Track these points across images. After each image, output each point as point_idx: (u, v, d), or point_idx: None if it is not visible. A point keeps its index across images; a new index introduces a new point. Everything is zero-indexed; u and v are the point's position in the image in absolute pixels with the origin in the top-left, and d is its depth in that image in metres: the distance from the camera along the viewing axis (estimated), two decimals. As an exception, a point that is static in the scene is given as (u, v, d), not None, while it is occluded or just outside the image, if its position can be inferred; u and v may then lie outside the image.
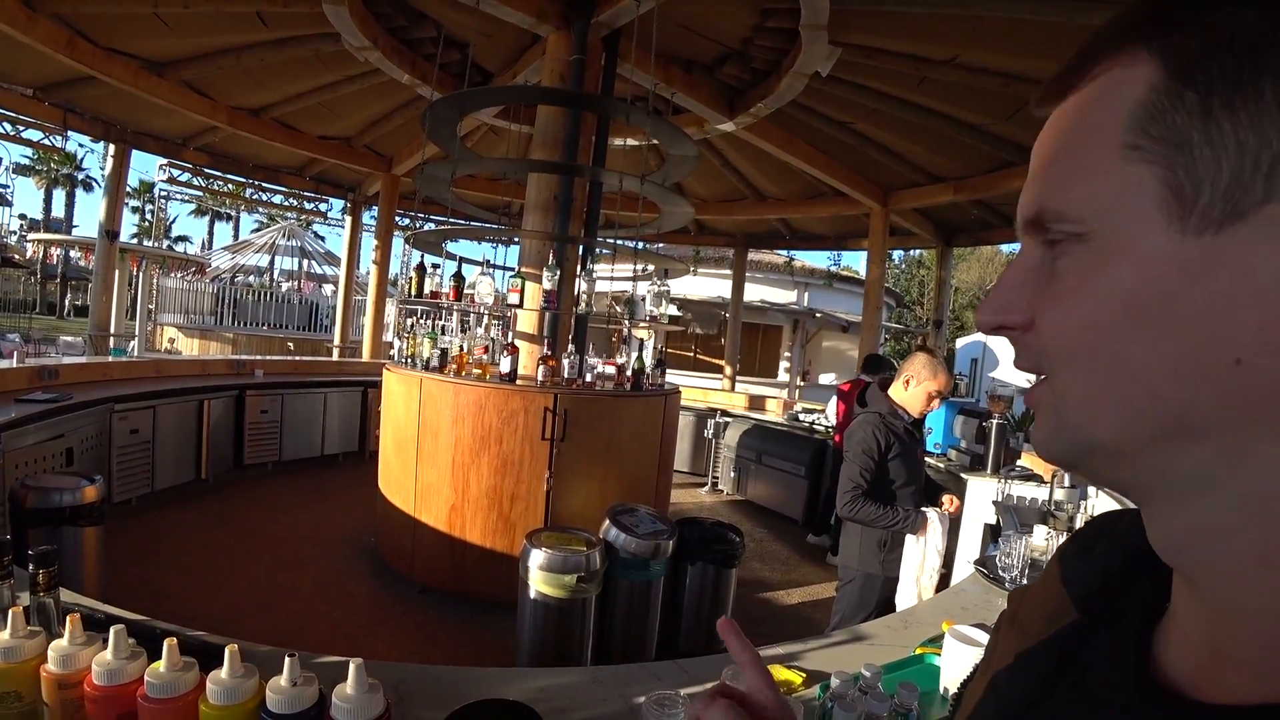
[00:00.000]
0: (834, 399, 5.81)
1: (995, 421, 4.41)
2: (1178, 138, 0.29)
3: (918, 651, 1.65)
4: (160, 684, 0.83)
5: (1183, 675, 0.35)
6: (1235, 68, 0.28)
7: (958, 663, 1.41)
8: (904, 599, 2.70)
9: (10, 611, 0.87)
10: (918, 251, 27.40)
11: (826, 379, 17.35)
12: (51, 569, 0.95)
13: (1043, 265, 0.35)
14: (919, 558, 2.67)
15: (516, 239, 5.17)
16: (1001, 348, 17.32)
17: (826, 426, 6.44)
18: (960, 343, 19.56)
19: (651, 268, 4.97)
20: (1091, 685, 0.39)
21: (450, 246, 4.89)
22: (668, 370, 4.88)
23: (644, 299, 4.66)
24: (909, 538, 2.70)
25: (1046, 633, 0.44)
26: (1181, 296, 0.29)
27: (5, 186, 32.88)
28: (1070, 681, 0.41)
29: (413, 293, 4.55)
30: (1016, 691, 0.44)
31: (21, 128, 7.97)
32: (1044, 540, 2.60)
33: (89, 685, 0.84)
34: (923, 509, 2.69)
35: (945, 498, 2.82)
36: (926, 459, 4.18)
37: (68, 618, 0.87)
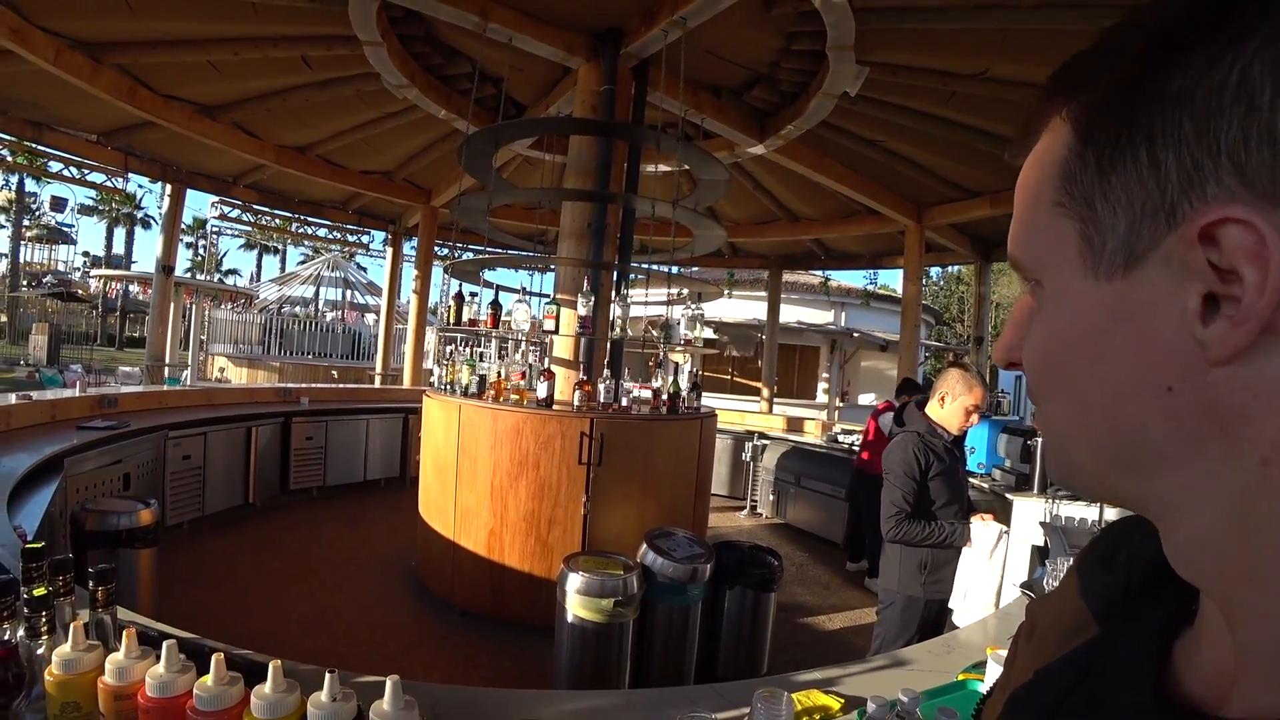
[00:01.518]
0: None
1: (1041, 440, 4.28)
2: (1086, 194, 0.32)
3: (960, 678, 1.61)
4: (208, 697, 0.86)
5: (1202, 689, 0.34)
6: (1118, 126, 0.30)
7: (1001, 688, 1.37)
8: (961, 618, 2.62)
9: (71, 626, 0.91)
10: (957, 268, 26.92)
11: (866, 399, 17.07)
12: (109, 586, 1.00)
13: (1034, 305, 0.39)
14: (972, 574, 2.59)
15: (552, 266, 5.26)
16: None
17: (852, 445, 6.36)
18: (1004, 360, 19.05)
19: (686, 291, 4.99)
20: (1106, 697, 0.39)
21: (487, 275, 5.00)
22: (705, 394, 4.87)
23: (679, 323, 4.68)
24: (964, 552, 2.62)
25: (1066, 647, 0.43)
26: (1109, 333, 0.32)
27: (70, 226, 34.87)
28: (1086, 693, 0.40)
29: (451, 320, 4.65)
30: (1035, 707, 0.43)
31: (86, 170, 8.46)
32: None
33: (142, 697, 0.88)
34: (969, 523, 2.62)
35: (976, 516, 2.72)
36: (970, 478, 4.07)
37: (124, 632, 0.92)
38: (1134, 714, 0.36)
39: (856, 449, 5.96)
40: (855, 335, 15.34)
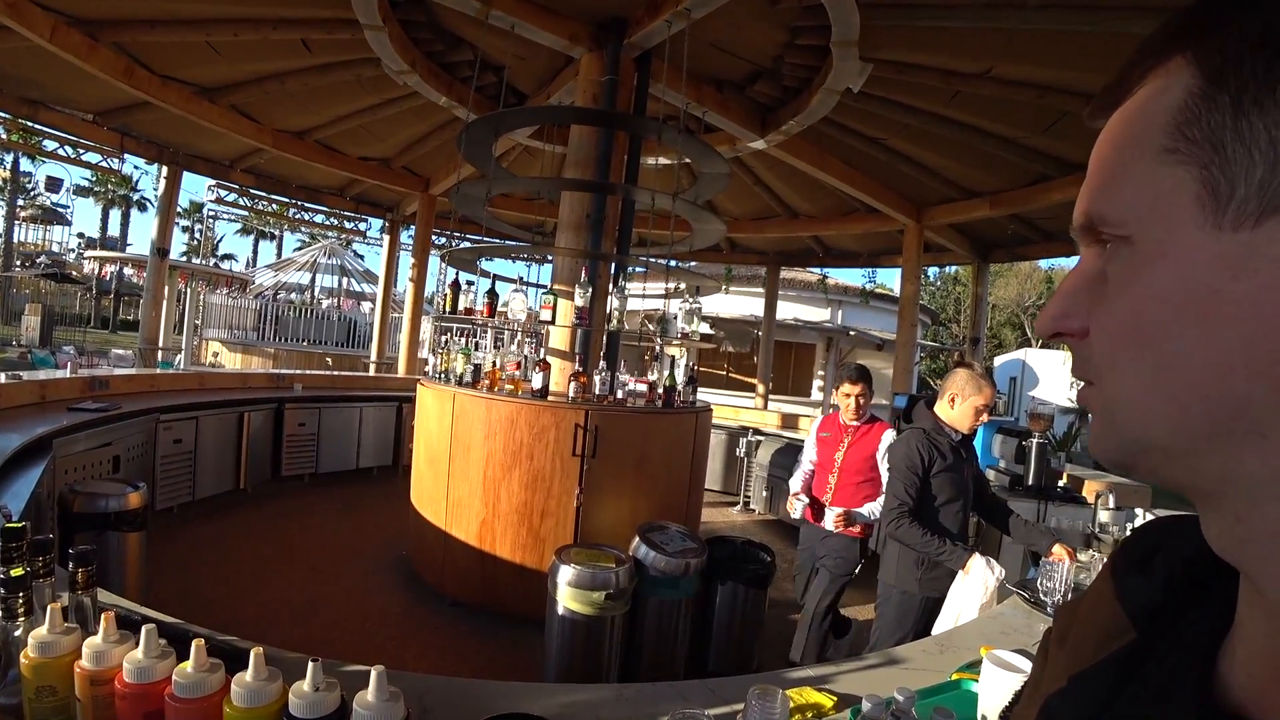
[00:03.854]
0: None
1: (1035, 440, 4.28)
2: (1212, 138, 0.29)
3: (954, 677, 1.60)
4: (187, 684, 0.84)
5: (1248, 694, 0.33)
6: (1266, 65, 0.28)
7: (996, 689, 1.37)
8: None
9: (49, 608, 0.89)
10: (954, 268, 26.99)
11: (861, 398, 17.07)
12: (89, 568, 0.97)
13: (1099, 272, 0.36)
14: (958, 599, 2.54)
15: (550, 257, 5.22)
16: (1041, 366, 16.87)
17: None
18: (998, 361, 19.12)
19: (683, 285, 4.98)
20: (1148, 705, 0.38)
21: (485, 264, 4.96)
22: (700, 388, 4.85)
23: (676, 317, 4.66)
24: (957, 581, 2.57)
25: (1102, 653, 0.42)
26: (1224, 292, 0.29)
27: (66, 207, 34.65)
28: (1126, 701, 0.39)
29: (447, 309, 4.61)
30: (1072, 715, 0.42)
31: (82, 150, 8.39)
32: (1088, 561, 2.50)
33: (119, 683, 0.85)
34: (975, 553, 2.48)
35: (1058, 546, 2.54)
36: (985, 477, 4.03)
37: (102, 616, 0.89)
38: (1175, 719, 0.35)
39: None
40: (851, 334, 15.33)
